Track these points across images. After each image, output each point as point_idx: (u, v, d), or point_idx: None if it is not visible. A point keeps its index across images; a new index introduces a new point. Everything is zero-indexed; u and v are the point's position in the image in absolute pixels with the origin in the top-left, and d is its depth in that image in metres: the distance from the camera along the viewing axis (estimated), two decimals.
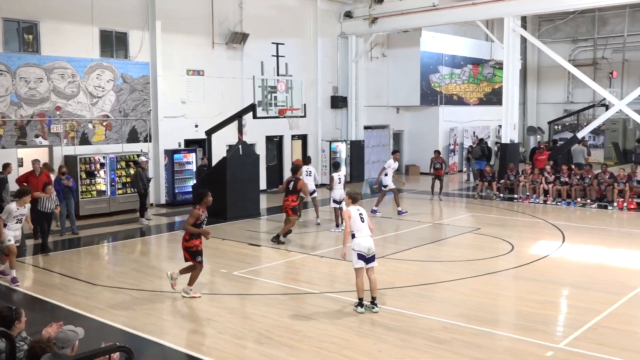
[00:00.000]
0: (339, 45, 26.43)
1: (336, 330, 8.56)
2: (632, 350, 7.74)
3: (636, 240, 14.81)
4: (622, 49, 34.58)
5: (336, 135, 26.71)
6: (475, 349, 7.78)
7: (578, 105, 34.96)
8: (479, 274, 11.49)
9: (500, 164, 23.26)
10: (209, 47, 21.55)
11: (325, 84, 25.90)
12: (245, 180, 17.86)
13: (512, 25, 22.10)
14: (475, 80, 31.96)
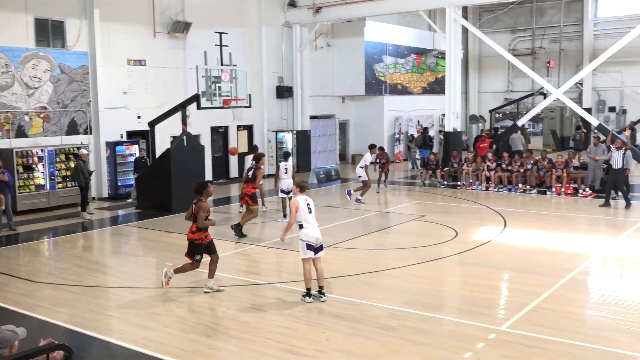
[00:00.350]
0: (284, 35, 26.31)
1: (284, 320, 8.56)
2: (570, 330, 8.03)
3: (573, 224, 15.36)
4: (558, 39, 35.68)
5: (282, 126, 26.64)
6: (421, 334, 7.93)
7: (518, 94, 35.89)
8: (424, 260, 11.68)
9: (443, 152, 23.68)
10: (150, 37, 21.09)
11: (270, 73, 25.76)
12: (190, 171, 17.59)
13: (454, 15, 22.46)
14: (419, 69, 32.39)
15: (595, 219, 16.02)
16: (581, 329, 8.16)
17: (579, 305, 9.23)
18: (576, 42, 35.07)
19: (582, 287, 10.24)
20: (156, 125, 18.48)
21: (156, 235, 14.70)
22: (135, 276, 11.25)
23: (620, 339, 7.73)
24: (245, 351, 7.50)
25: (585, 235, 14.00)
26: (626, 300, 9.33)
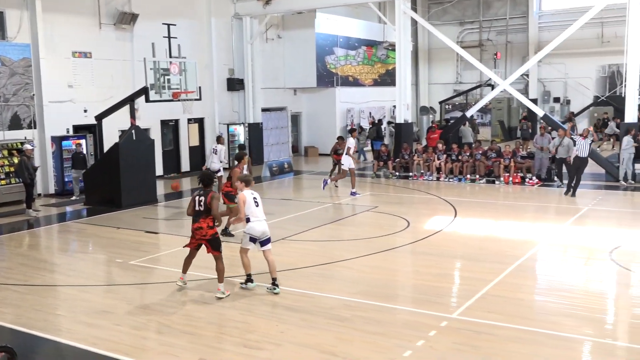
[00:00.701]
0: (234, 27, 26.05)
1: (238, 314, 8.51)
2: (519, 316, 8.24)
3: (521, 212, 15.75)
4: (505, 31, 36.42)
5: (234, 118, 26.41)
6: (375, 325, 8.00)
7: (466, 86, 36.53)
8: (377, 251, 11.79)
9: (395, 144, 23.91)
10: (95, 28, 20.57)
11: (220, 66, 25.49)
12: (139, 166, 17.28)
13: (403, 7, 22.65)
14: (370, 61, 32.58)
15: (541, 206, 16.47)
16: (529, 314, 8.37)
17: (526, 292, 9.46)
18: (522, 35, 35.87)
19: (530, 274, 10.50)
20: (103, 119, 18.03)
21: (105, 231, 14.39)
22: (85, 274, 10.98)
23: (565, 323, 7.98)
24: (199, 346, 7.43)
25: (532, 223, 14.37)
26: (571, 285, 9.64)
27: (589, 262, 11.00)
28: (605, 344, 7.37)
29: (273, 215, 15.58)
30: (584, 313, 8.35)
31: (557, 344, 7.31)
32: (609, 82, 33.96)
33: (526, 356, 7.01)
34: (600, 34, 32.68)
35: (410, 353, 7.06)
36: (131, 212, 16.40)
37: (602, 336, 7.63)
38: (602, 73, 34.27)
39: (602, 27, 32.17)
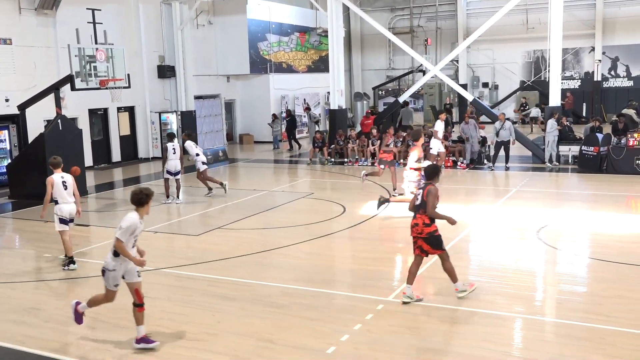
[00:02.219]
0: (163, 12, 25.35)
1: (174, 306, 8.35)
2: (452, 296, 8.40)
3: (453, 195, 16.05)
4: (434, 17, 37.04)
5: (166, 106, 25.81)
6: (312, 310, 8.01)
7: (399, 72, 37.03)
8: (314, 237, 11.80)
9: (329, 130, 23.97)
10: (15, 13, 19.58)
11: (150, 52, 24.81)
12: (67, 157, 16.47)
13: None
14: (303, 48, 32.49)
15: (472, 189, 16.89)
16: None
17: (459, 272, 9.54)
18: (451, 21, 36.60)
19: (463, 255, 10.71)
20: (27, 108, 17.26)
21: (32, 225, 13.81)
22: (11, 270, 10.50)
23: (498, 301, 8.22)
24: (132, 340, 7.23)
25: (464, 205, 14.67)
26: (502, 265, 9.93)
27: (518, 242, 11.34)
28: (535, 320, 7.63)
29: (208, 204, 15.40)
30: (515, 291, 8.61)
31: (490, 322, 7.52)
32: (534, 67, 35.18)
33: (462, 335, 7.17)
34: (525, 20, 33.70)
35: (348, 337, 7.11)
36: None
37: (533, 313, 7.89)
38: (528, 59, 35.45)
39: (526, 13, 33.19)
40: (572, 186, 17.24)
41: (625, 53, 33.21)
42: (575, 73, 34.45)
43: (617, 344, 6.76)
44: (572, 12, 30.52)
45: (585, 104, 33.43)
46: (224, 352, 6.83)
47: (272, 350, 6.85)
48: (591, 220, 12.71)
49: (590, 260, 10.17)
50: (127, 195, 16.79)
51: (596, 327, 7.25)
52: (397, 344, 6.92)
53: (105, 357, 6.83)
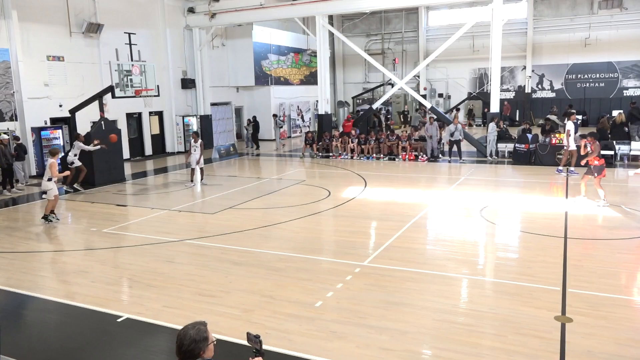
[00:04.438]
0: (185, 36, 25.08)
1: (194, 269, 8.33)
2: (413, 261, 8.47)
3: (415, 182, 16.13)
4: (401, 41, 36.89)
5: (188, 111, 25.58)
6: (303, 272, 8.02)
7: (373, 84, 36.89)
8: (305, 215, 11.80)
9: (318, 130, 23.90)
10: (67, 36, 19.29)
11: (175, 68, 24.53)
12: (109, 151, 16.47)
13: (322, 22, 22.48)
14: (297, 65, 32.26)
15: (431, 177, 16.93)
16: (421, 260, 8.61)
17: (419, 242, 9.71)
18: (414, 44, 36.46)
19: (422, 229, 10.77)
20: (76, 112, 17.04)
21: (82, 205, 13.70)
22: (64, 241, 10.43)
23: (448, 265, 8.27)
24: (163, 296, 7.22)
25: (424, 190, 14.72)
26: (451, 236, 9.98)
27: (465, 219, 11.41)
28: (477, 280, 7.69)
29: (222, 187, 15.35)
30: (462, 257, 8.67)
31: (442, 282, 7.57)
32: (479, 81, 35.18)
33: (419, 291, 7.22)
34: (472, 44, 33.69)
35: (332, 294, 7.13)
36: (104, 189, 15.68)
37: (475, 274, 7.95)
38: (474, 75, 35.43)
39: (473, 39, 33.16)
40: (508, 175, 17.33)
41: (549, 71, 33.31)
42: (510, 86, 34.52)
43: (541, 298, 6.84)
44: (508, 38, 30.52)
45: (518, 110, 33.53)
46: (234, 306, 6.83)
47: (272, 304, 6.86)
48: (522, 202, 12.80)
49: (521, 233, 10.25)
50: (157, 182, 16.74)
51: (525, 285, 7.32)
52: (370, 298, 6.95)
53: (140, 310, 6.81)
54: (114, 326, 6.37)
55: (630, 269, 7.94)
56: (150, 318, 6.52)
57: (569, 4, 31.83)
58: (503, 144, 20.02)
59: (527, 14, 32.60)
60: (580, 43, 31.78)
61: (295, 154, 23.46)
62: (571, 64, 32.48)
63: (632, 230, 10.02)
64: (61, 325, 6.53)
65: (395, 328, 6.07)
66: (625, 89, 31.59)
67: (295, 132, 31.23)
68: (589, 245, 9.09)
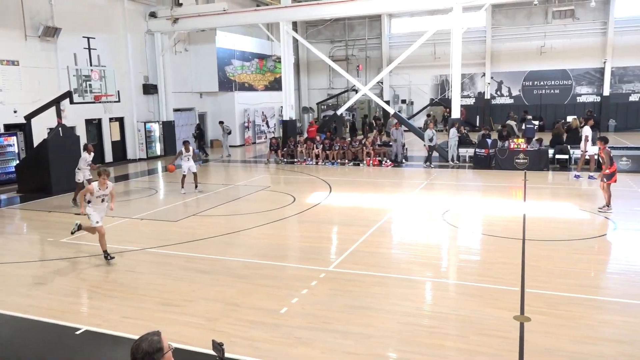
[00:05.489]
0: (147, 41, 24.65)
1: (156, 278, 8.14)
2: (378, 265, 8.54)
3: (379, 187, 16.28)
4: (364, 48, 37.30)
5: (150, 117, 25.10)
6: (269, 279, 7.96)
7: (337, 90, 37.12)
8: (270, 221, 11.73)
9: (283, 136, 23.86)
10: (22, 40, 18.63)
11: (136, 73, 24.07)
12: (67, 158, 15.95)
13: (286, 28, 22.51)
14: (261, 71, 32.16)
15: (394, 182, 17.13)
16: (385, 264, 8.68)
17: (384, 247, 9.80)
18: (377, 51, 36.92)
19: (386, 233, 10.87)
20: (32, 118, 16.47)
21: (38, 215, 13.22)
22: (19, 252, 10.02)
23: (412, 269, 8.36)
24: (123, 307, 7.03)
25: (388, 195, 14.87)
26: (416, 240, 10.11)
27: (428, 223, 11.58)
28: (441, 283, 7.81)
29: (186, 194, 15.09)
30: (426, 261, 8.79)
31: (407, 285, 7.64)
32: (440, 88, 35.91)
33: (384, 295, 7.27)
34: (433, 52, 34.37)
35: (297, 300, 7.10)
36: (61, 198, 15.17)
37: (439, 277, 8.08)
38: (435, 81, 36.14)
39: (434, 46, 33.85)
40: (469, 179, 17.71)
41: (507, 78, 34.32)
42: (471, 93, 35.38)
43: (501, 299, 7.00)
44: (468, 46, 31.29)
45: (478, 116, 34.37)
46: (198, 314, 6.71)
47: (237, 312, 6.78)
48: (482, 205, 13.09)
49: (482, 236, 10.48)
50: (118, 189, 16.32)
51: (486, 286, 7.48)
52: (335, 303, 6.96)
53: (99, 322, 6.60)
54: (73, 339, 6.15)
55: (585, 268, 8.22)
56: (109, 329, 6.33)
57: (525, 14, 32.92)
58: (464, 149, 20.46)
59: (486, 23, 33.52)
60: (536, 51, 32.89)
61: (260, 160, 23.34)
62: (528, 71, 33.56)
63: (587, 231, 10.39)
64: (17, 340, 6.26)
65: (360, 332, 6.09)
66: (578, 95, 32.86)
67: (260, 138, 31.09)
68: (546, 247, 9.37)
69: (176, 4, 23.82)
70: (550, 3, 30.89)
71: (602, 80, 32.05)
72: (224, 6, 22.48)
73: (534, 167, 18.16)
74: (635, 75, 31.69)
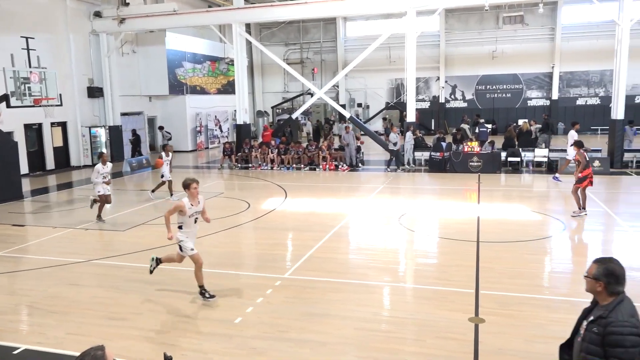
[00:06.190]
0: (92, 42, 23.92)
1: (102, 291, 7.88)
2: (335, 271, 8.58)
3: (335, 191, 16.39)
4: (320, 51, 37.56)
5: (95, 122, 24.33)
6: (222, 288, 7.82)
7: (292, 94, 37.16)
8: (224, 228, 11.60)
9: (236, 141, 23.66)
10: None
11: (80, 76, 23.31)
12: (3, 165, 15.27)
13: (239, 30, 22.38)
14: (214, 73, 31.83)
15: (351, 186, 17.28)
16: (342, 269, 8.74)
17: (340, 252, 9.86)
18: (332, 54, 37.25)
19: (343, 238, 10.95)
20: None
21: None
22: None
23: (369, 274, 8.45)
24: (66, 323, 6.76)
25: (344, 199, 15.00)
26: (372, 245, 10.22)
27: (385, 227, 11.74)
28: (398, 287, 7.93)
29: (134, 202, 14.70)
30: (382, 265, 8.90)
31: (364, 290, 7.72)
32: (396, 91, 36.58)
33: (341, 301, 7.30)
34: (389, 55, 34.98)
35: (252, 309, 7.04)
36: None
37: (396, 281, 8.20)
38: (391, 85, 36.80)
39: (389, 50, 34.45)
40: (424, 183, 18.09)
41: (461, 82, 35.36)
42: (426, 96, 36.22)
43: (456, 301, 7.18)
44: (422, 50, 32.05)
45: (433, 120, 35.23)
46: (148, 328, 6.54)
47: (189, 324, 6.65)
48: (438, 208, 13.40)
49: (438, 239, 10.72)
50: (60, 198, 15.77)
51: (442, 289, 7.65)
52: (291, 311, 6.94)
53: (40, 339, 6.33)
54: (11, 359, 5.86)
55: (535, 268, 8.55)
56: (52, 347, 6.08)
57: (477, 19, 34.05)
58: (420, 153, 20.90)
59: (440, 27, 34.45)
60: (488, 56, 34.06)
61: (214, 165, 23.05)
62: (481, 76, 34.70)
63: (537, 232, 10.81)
64: None
65: (316, 340, 6.09)
66: (529, 99, 34.23)
67: (213, 142, 30.72)
68: (499, 248, 9.68)
69: (123, 4, 23.25)
70: (501, 9, 32.07)
71: (551, 85, 33.54)
72: (174, 7, 22.13)
73: (487, 169, 18.75)
74: (581, 80, 33.34)
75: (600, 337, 3.19)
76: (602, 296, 3.32)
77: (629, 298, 3.32)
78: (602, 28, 30.60)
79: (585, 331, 3.33)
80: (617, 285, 3.27)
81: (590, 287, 3.38)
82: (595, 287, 3.33)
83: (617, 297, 3.27)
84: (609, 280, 3.27)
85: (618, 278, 3.27)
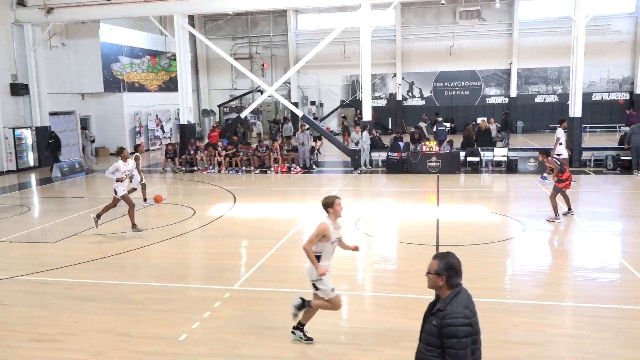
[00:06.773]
0: (14, 33, 22.93)
1: (31, 310, 7.55)
2: (288, 281, 8.55)
3: (288, 195, 16.38)
4: (269, 46, 37.45)
5: (20, 122, 23.33)
6: (166, 303, 7.67)
7: (241, 91, 36.89)
8: (167, 237, 11.36)
9: (180, 142, 23.25)
10: None
11: (2, 71, 22.32)
12: None
13: (181, 22, 22.03)
14: (154, 69, 31.19)
15: (304, 190, 17.30)
16: (296, 279, 8.65)
17: (294, 260, 9.79)
18: (283, 49, 37.22)
19: (297, 245, 10.79)
20: None
21: None
22: None
23: None
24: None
25: (298, 204, 15.01)
26: None
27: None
28: (356, 295, 7.98)
29: (65, 211, 14.17)
30: (340, 273, 8.86)
31: None
32: (351, 89, 36.93)
33: None
34: (343, 50, 35.28)
35: (198, 324, 6.91)
36: None
37: (354, 289, 8.25)
38: (346, 82, 37.12)
39: (344, 45, 34.75)
40: (382, 184, 18.33)
41: (418, 79, 36.10)
42: (382, 94, 36.75)
43: (417, 309, 7.22)
44: (378, 45, 32.48)
45: (390, 118, 35.78)
46: (82, 349, 6.31)
47: (128, 343, 6.46)
48: (396, 211, 13.60)
49: (396, 243, 10.87)
50: None
51: (402, 296, 7.76)
52: (242, 325, 6.86)
53: None
54: None
55: (496, 272, 8.81)
56: None
57: (434, 13, 34.87)
58: (376, 153, 21.15)
59: (396, 22, 35.05)
60: (446, 52, 34.92)
61: (155, 169, 22.54)
62: (438, 72, 35.52)
63: (497, 234, 11.15)
64: None
65: (270, 355, 6.05)
66: (488, 96, 35.32)
67: (154, 144, 30.07)
68: (459, 251, 9.86)
69: None
70: (457, 3, 32.98)
71: (509, 82, 34.73)
72: None
73: (446, 170, 19.19)
74: (539, 77, 34.70)
75: (437, 329, 3.56)
76: (443, 290, 3.69)
77: (466, 289, 3.73)
78: (559, 24, 31.95)
79: (426, 324, 3.72)
80: (456, 277, 3.70)
81: (433, 283, 3.74)
82: (438, 282, 3.69)
83: (455, 290, 3.66)
84: (449, 273, 3.68)
85: (457, 270, 3.72)
